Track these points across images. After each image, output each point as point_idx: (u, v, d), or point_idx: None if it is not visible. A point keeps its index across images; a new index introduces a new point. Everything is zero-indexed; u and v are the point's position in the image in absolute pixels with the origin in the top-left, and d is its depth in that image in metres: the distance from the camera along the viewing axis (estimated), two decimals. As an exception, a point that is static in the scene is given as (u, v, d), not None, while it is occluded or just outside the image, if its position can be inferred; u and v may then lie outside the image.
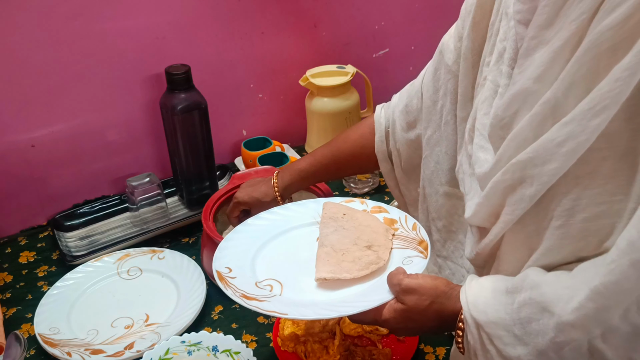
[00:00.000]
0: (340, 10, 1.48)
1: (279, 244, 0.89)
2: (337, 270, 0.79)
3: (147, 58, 1.26)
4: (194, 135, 1.19)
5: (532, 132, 0.59)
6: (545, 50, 0.58)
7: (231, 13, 1.33)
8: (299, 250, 0.87)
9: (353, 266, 0.80)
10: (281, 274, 0.82)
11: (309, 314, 0.73)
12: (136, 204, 1.20)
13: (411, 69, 1.70)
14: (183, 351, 0.90)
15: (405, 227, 0.88)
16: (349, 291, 0.78)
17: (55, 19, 1.14)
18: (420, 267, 0.78)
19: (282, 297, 0.78)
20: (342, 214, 0.91)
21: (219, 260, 0.83)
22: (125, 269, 1.12)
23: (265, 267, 0.84)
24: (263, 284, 0.80)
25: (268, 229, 0.91)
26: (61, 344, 0.95)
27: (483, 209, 0.68)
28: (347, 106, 1.42)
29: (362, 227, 0.88)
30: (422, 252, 0.82)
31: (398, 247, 0.84)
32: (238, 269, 0.82)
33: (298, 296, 0.78)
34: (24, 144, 1.20)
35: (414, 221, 0.89)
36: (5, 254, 1.20)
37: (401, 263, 0.80)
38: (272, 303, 0.75)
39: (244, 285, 0.79)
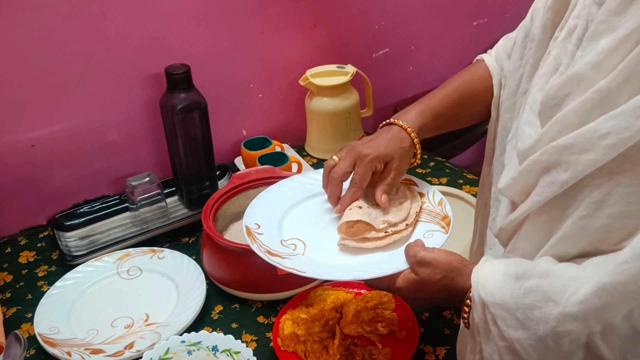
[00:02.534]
0: (340, 10, 1.49)
1: (308, 206, 0.90)
2: (362, 233, 0.81)
3: (147, 58, 1.26)
4: (194, 135, 1.19)
5: (577, 118, 0.58)
6: (610, 38, 0.56)
7: (231, 13, 1.33)
8: (327, 214, 0.88)
9: (377, 234, 0.81)
10: (307, 235, 0.84)
11: (325, 275, 0.76)
12: (136, 204, 1.20)
13: (411, 69, 1.70)
14: (183, 351, 0.90)
15: (431, 202, 0.89)
16: (368, 257, 0.80)
17: (55, 19, 1.14)
18: (440, 242, 0.79)
19: (304, 256, 0.80)
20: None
21: (249, 216, 0.86)
22: (125, 268, 1.12)
23: (292, 227, 0.86)
24: (288, 242, 0.83)
25: (299, 191, 0.92)
26: (61, 344, 0.95)
27: (516, 184, 0.68)
28: (347, 106, 1.42)
29: (400, 191, 0.90)
30: (444, 227, 0.83)
31: (422, 220, 0.86)
32: (266, 226, 0.85)
33: (319, 257, 0.80)
34: (24, 144, 1.20)
35: (441, 197, 0.89)
36: (5, 253, 1.20)
37: (422, 236, 0.81)
38: (293, 261, 0.77)
39: (270, 241, 0.81)
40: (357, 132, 1.47)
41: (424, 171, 1.39)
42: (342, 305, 0.99)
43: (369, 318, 0.95)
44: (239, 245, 0.98)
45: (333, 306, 0.98)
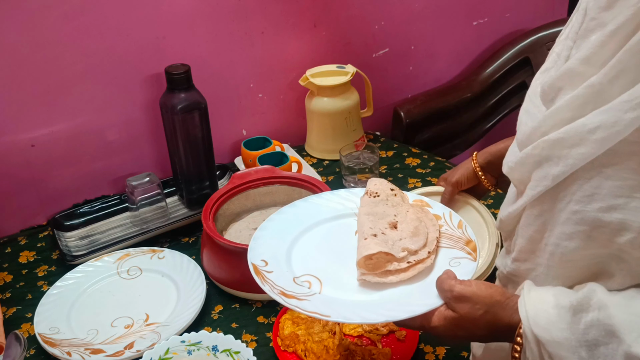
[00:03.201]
0: (340, 10, 1.48)
1: (315, 236, 0.84)
2: (382, 265, 0.75)
3: (147, 58, 1.26)
4: (194, 135, 1.19)
5: (570, 113, 0.59)
6: (600, 33, 0.57)
7: (231, 13, 1.33)
8: (336, 243, 0.82)
9: (399, 265, 0.75)
10: (319, 270, 0.78)
11: (354, 318, 0.69)
12: (136, 204, 1.20)
13: (411, 69, 1.70)
14: (183, 351, 0.90)
15: (450, 225, 0.83)
16: (394, 292, 0.73)
17: (55, 18, 1.14)
18: (469, 271, 0.73)
19: (322, 295, 0.73)
20: (390, 189, 0.86)
21: (254, 251, 0.79)
22: (125, 268, 1.12)
23: (302, 261, 0.80)
24: (301, 279, 0.76)
25: (302, 218, 0.86)
26: (61, 344, 0.95)
27: (515, 172, 0.68)
28: (347, 106, 1.42)
29: (415, 210, 0.83)
30: (470, 253, 0.77)
31: (443, 245, 0.79)
32: (274, 261, 0.78)
33: (338, 295, 0.74)
34: (24, 144, 1.20)
35: (459, 218, 0.83)
36: (5, 253, 1.20)
37: (448, 265, 0.75)
38: (313, 302, 0.71)
39: (281, 280, 0.75)
40: (357, 132, 1.47)
41: (424, 171, 1.39)
42: (342, 305, 0.98)
43: (369, 318, 0.95)
44: (239, 245, 0.98)
45: (333, 306, 0.98)
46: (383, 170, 1.40)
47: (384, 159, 1.45)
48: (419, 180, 1.36)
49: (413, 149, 1.49)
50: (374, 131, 1.61)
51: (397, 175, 1.38)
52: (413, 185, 1.34)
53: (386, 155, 1.46)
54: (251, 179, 1.15)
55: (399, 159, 1.45)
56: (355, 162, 1.33)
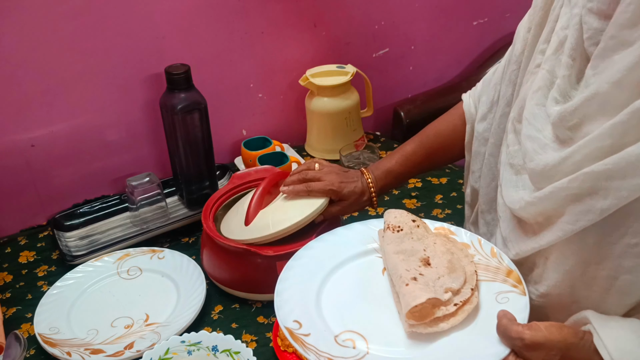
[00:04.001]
0: (340, 10, 1.49)
1: (339, 281, 0.78)
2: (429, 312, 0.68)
3: (147, 58, 1.26)
4: (194, 135, 1.19)
5: (610, 141, 0.55)
6: (628, 53, 0.54)
7: (231, 13, 1.33)
8: (366, 288, 0.76)
9: (447, 309, 0.68)
10: (358, 324, 0.71)
11: None
12: (136, 204, 1.20)
13: (411, 69, 1.70)
14: (183, 351, 0.90)
15: (482, 253, 0.76)
16: (448, 342, 0.67)
17: (55, 18, 1.14)
18: (522, 307, 0.67)
19: (371, 355, 0.66)
20: (412, 221, 0.80)
21: (282, 310, 0.72)
22: (125, 268, 1.12)
23: (336, 315, 0.72)
24: (342, 338, 0.69)
25: (321, 261, 0.80)
26: (61, 344, 0.95)
27: (532, 207, 0.65)
28: (347, 106, 1.42)
29: (442, 241, 0.77)
30: (516, 286, 0.70)
31: (482, 278, 0.72)
32: (307, 320, 0.71)
33: (390, 353, 0.67)
34: (24, 143, 1.20)
35: (490, 245, 0.77)
36: (5, 253, 1.20)
37: (495, 301, 0.69)
38: None
39: (323, 343, 0.68)
40: (357, 132, 1.47)
41: (424, 171, 1.39)
42: (342, 305, 0.98)
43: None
44: (239, 245, 0.98)
45: (333, 306, 0.98)
46: (383, 170, 1.40)
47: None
48: (419, 180, 1.36)
49: (413, 149, 1.49)
50: (374, 131, 1.61)
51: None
52: (413, 186, 1.34)
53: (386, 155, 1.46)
54: (251, 179, 1.14)
55: (399, 159, 1.45)
56: (355, 162, 1.33)
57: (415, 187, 1.34)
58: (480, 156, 0.92)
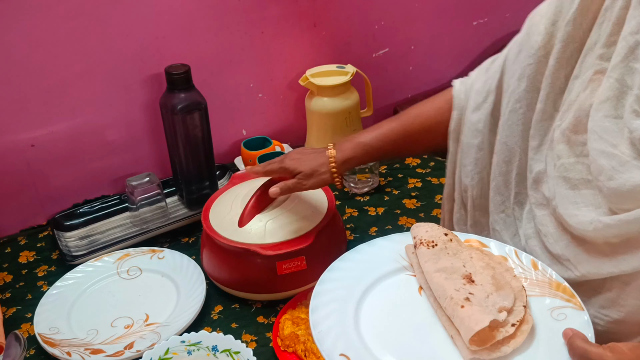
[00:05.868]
0: (340, 10, 1.48)
1: (375, 304, 0.71)
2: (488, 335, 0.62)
3: (147, 58, 1.26)
4: (194, 135, 1.19)
5: None
6: None
7: (231, 13, 1.33)
8: (405, 310, 0.70)
9: (506, 330, 0.63)
10: (409, 353, 0.65)
11: None
12: (136, 204, 1.20)
13: (411, 69, 1.70)
14: (183, 351, 0.90)
15: (523, 266, 0.71)
16: None
17: (55, 18, 1.14)
18: (585, 323, 0.63)
19: None
20: (443, 234, 0.74)
21: (324, 344, 0.65)
22: (125, 268, 1.12)
23: (382, 345, 0.66)
24: None
25: (351, 285, 0.73)
26: (61, 344, 0.95)
27: (611, 230, 0.61)
28: (347, 106, 1.42)
29: (478, 255, 0.72)
30: (568, 300, 0.65)
31: (530, 294, 0.68)
32: (354, 353, 0.64)
33: None
34: (24, 143, 1.20)
35: (530, 257, 0.73)
36: (5, 253, 1.20)
37: (551, 317, 0.65)
38: None
39: None
40: (357, 132, 1.47)
41: (424, 171, 1.39)
42: (342, 305, 0.98)
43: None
44: (239, 245, 0.98)
45: (333, 306, 0.98)
46: (383, 170, 1.40)
47: (384, 159, 1.45)
48: (419, 180, 1.36)
49: (413, 149, 1.49)
50: (374, 131, 1.61)
51: (397, 176, 1.38)
52: (413, 185, 1.34)
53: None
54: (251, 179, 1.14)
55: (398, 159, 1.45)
56: (355, 162, 1.33)
57: (415, 187, 1.34)
58: (473, 149, 0.85)
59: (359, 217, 1.24)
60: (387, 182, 1.36)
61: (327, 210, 1.04)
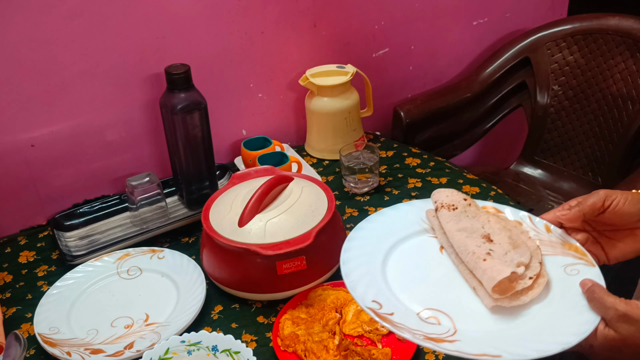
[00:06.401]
0: (340, 10, 1.49)
1: (400, 261, 0.77)
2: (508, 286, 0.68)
3: (147, 58, 1.26)
4: (194, 135, 1.19)
5: None
6: None
7: (231, 13, 1.33)
8: (428, 266, 0.76)
9: (524, 282, 0.68)
10: (436, 302, 0.70)
11: (530, 353, 0.61)
12: (136, 204, 1.20)
13: (411, 69, 1.70)
14: (183, 351, 0.90)
15: (537, 229, 0.76)
16: (531, 314, 0.67)
17: (55, 18, 1.14)
18: (596, 277, 0.68)
19: (462, 332, 0.66)
20: (463, 199, 0.80)
21: (357, 291, 0.70)
22: (125, 268, 1.12)
23: (410, 295, 0.71)
24: (424, 316, 0.68)
25: (377, 242, 0.79)
26: (61, 344, 0.95)
27: None
28: (347, 106, 1.42)
29: (495, 218, 0.77)
30: (581, 258, 0.71)
31: (544, 253, 0.73)
32: (385, 301, 0.69)
33: (478, 327, 0.67)
34: (24, 143, 1.20)
35: (544, 221, 0.77)
36: (5, 253, 1.20)
37: (564, 273, 0.70)
38: (465, 342, 0.64)
39: (409, 321, 0.67)
40: (357, 132, 1.47)
41: (424, 171, 1.39)
42: (342, 305, 0.99)
43: (369, 318, 0.95)
44: (239, 245, 0.98)
45: (333, 306, 0.98)
46: (383, 170, 1.40)
47: (383, 159, 1.45)
48: (419, 180, 1.36)
49: (413, 149, 1.49)
50: (374, 131, 1.61)
51: (397, 175, 1.38)
52: (413, 185, 1.34)
53: (386, 155, 1.46)
54: (251, 179, 1.14)
55: (398, 159, 1.45)
56: (355, 162, 1.33)
57: (415, 187, 1.34)
58: None
59: (359, 217, 1.24)
60: (387, 182, 1.36)
61: (327, 210, 1.04)
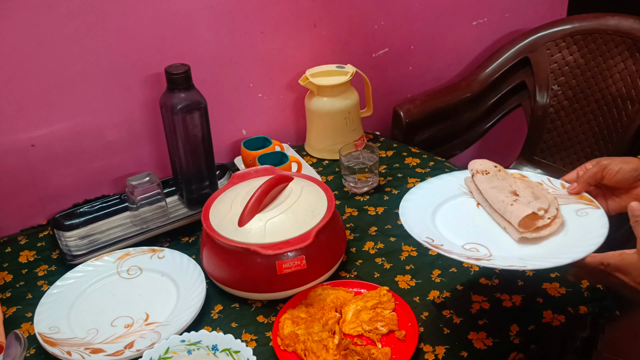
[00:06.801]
0: (340, 10, 1.49)
1: (446, 213, 0.97)
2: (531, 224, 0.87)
3: (147, 58, 1.26)
4: (194, 134, 1.19)
5: None
6: None
7: (231, 13, 1.33)
8: (468, 216, 0.96)
9: (544, 221, 0.87)
10: (475, 237, 0.89)
11: (546, 264, 0.79)
12: (136, 204, 1.20)
13: (410, 69, 1.70)
14: (183, 350, 0.90)
15: (554, 187, 0.96)
16: (550, 243, 0.86)
17: (55, 18, 1.14)
18: (601, 216, 0.86)
19: (496, 256, 0.84)
20: (494, 166, 1.00)
21: (414, 231, 0.88)
22: (125, 268, 1.12)
23: (455, 234, 0.90)
24: (467, 247, 0.87)
25: (428, 201, 0.98)
26: (61, 343, 0.95)
27: None
28: (346, 106, 1.43)
29: (520, 181, 0.97)
30: (590, 204, 0.89)
31: (561, 203, 0.91)
32: (436, 237, 0.88)
33: (509, 253, 0.85)
34: (24, 143, 1.21)
35: (559, 181, 0.96)
36: (5, 253, 1.20)
37: (576, 215, 0.88)
38: (497, 260, 0.82)
39: (455, 250, 0.84)
40: (357, 131, 1.47)
41: (423, 171, 1.39)
42: (342, 304, 0.99)
43: (368, 317, 0.96)
44: (239, 244, 0.98)
45: (333, 306, 0.99)
46: (383, 170, 1.40)
47: (383, 158, 1.45)
48: (419, 180, 1.36)
49: (413, 148, 1.49)
50: (374, 131, 1.61)
51: (397, 175, 1.38)
52: (412, 185, 1.34)
53: (386, 155, 1.46)
54: (251, 179, 1.15)
55: (398, 158, 1.45)
56: (355, 161, 1.33)
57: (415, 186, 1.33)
58: None
59: (359, 216, 1.24)
60: (387, 181, 1.36)
61: (327, 210, 1.04)
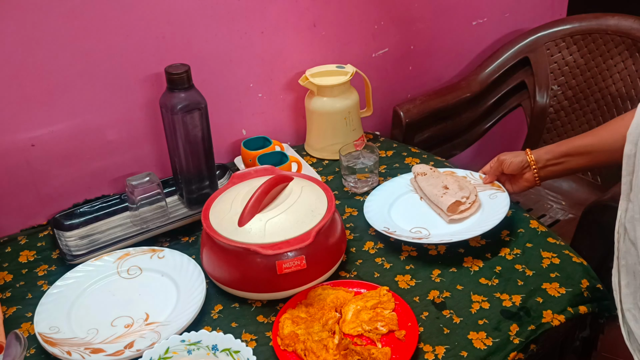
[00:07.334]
0: (340, 10, 1.49)
1: (399, 205, 1.25)
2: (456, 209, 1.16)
3: (147, 57, 1.26)
4: (194, 134, 1.19)
5: None
6: None
7: (231, 12, 1.33)
8: (414, 207, 1.23)
9: (465, 206, 1.16)
10: (419, 222, 1.17)
11: (474, 232, 1.10)
12: (136, 203, 1.20)
13: (410, 69, 1.70)
14: (183, 350, 0.90)
15: (475, 179, 1.25)
16: (471, 220, 1.15)
17: (55, 18, 1.14)
18: (505, 198, 1.15)
19: (432, 234, 1.13)
20: (430, 168, 1.27)
21: (373, 221, 1.18)
22: (125, 268, 1.12)
23: (404, 221, 1.19)
24: (413, 230, 1.15)
25: (384, 198, 1.26)
26: (61, 343, 0.95)
27: None
28: (346, 106, 1.43)
29: (450, 177, 1.23)
30: (498, 189, 1.19)
31: (479, 190, 1.21)
32: (391, 226, 1.16)
33: (442, 231, 1.14)
34: (24, 143, 1.21)
35: (478, 174, 1.25)
36: (5, 253, 1.20)
37: (489, 198, 1.18)
38: (435, 238, 1.12)
39: (405, 235, 1.13)
40: (357, 131, 1.47)
41: (423, 171, 1.39)
42: (342, 304, 0.99)
43: (368, 317, 0.96)
44: (239, 244, 0.98)
45: (333, 305, 0.99)
46: (383, 169, 1.40)
47: (383, 158, 1.45)
48: (419, 180, 1.36)
49: (412, 148, 1.49)
50: (374, 131, 1.61)
51: (397, 175, 1.38)
52: (412, 185, 1.35)
53: (386, 155, 1.46)
54: (251, 179, 1.15)
55: (398, 158, 1.45)
56: (355, 161, 1.33)
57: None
58: None
59: (359, 216, 1.24)
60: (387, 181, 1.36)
61: (327, 209, 1.04)
